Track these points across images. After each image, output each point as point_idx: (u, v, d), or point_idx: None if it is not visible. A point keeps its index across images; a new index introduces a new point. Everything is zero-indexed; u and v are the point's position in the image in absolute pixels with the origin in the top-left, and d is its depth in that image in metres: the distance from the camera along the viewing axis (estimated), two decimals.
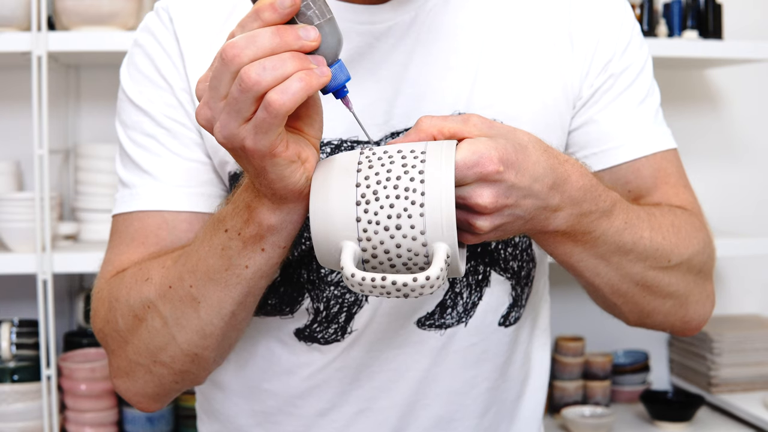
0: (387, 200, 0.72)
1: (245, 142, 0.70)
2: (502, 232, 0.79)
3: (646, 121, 1.00)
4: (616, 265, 0.88)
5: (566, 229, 0.83)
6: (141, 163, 0.95)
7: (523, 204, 0.77)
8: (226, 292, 0.84)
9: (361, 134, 0.92)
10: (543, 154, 0.78)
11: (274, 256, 0.82)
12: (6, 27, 1.88)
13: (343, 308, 0.95)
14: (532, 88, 0.95)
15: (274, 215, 0.78)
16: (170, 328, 0.87)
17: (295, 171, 0.73)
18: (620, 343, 2.40)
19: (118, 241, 0.96)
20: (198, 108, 0.72)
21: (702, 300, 0.98)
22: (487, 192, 0.74)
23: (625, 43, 0.99)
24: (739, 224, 2.40)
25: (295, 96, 0.67)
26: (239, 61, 0.67)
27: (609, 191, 0.86)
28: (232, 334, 0.89)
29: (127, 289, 0.90)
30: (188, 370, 0.90)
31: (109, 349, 0.94)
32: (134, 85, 0.97)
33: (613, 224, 0.86)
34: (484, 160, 0.73)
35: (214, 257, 0.83)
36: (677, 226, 0.94)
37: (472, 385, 0.99)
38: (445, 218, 0.71)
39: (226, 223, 0.82)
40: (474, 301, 0.97)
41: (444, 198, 0.71)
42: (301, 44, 0.69)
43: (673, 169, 1.01)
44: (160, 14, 0.97)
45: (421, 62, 0.94)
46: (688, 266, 0.94)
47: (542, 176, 0.77)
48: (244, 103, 0.68)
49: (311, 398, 0.98)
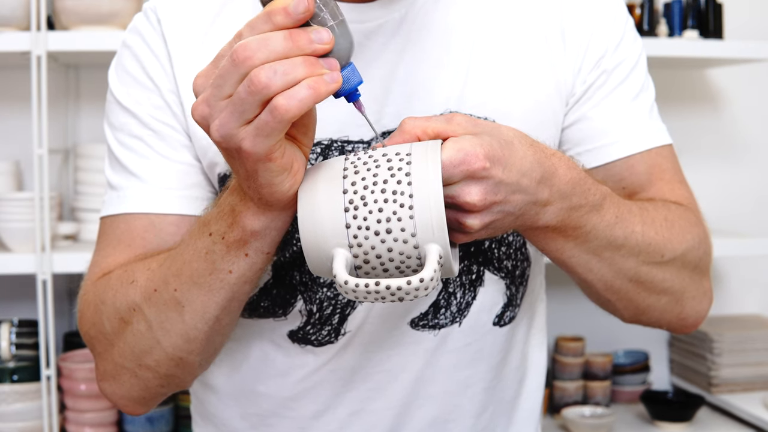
0: (375, 204, 0.71)
1: (243, 144, 0.69)
2: (493, 229, 0.78)
3: (640, 116, 0.99)
4: (608, 261, 0.88)
5: (556, 224, 0.82)
6: (128, 165, 0.95)
7: (512, 200, 0.76)
8: (210, 297, 0.84)
9: (352, 134, 0.92)
10: (529, 148, 0.78)
11: (258, 262, 0.82)
12: (5, 27, 1.88)
13: (336, 310, 0.95)
14: (525, 86, 0.95)
15: (259, 220, 0.78)
16: (155, 332, 0.87)
17: (284, 180, 0.73)
18: (620, 343, 2.40)
19: (104, 244, 0.96)
20: (195, 104, 0.71)
21: (698, 297, 0.97)
22: (475, 189, 0.74)
23: (617, 39, 0.98)
24: (739, 224, 2.39)
25: (302, 103, 0.67)
26: (251, 63, 0.67)
27: (598, 185, 0.85)
28: (216, 338, 0.89)
29: (113, 292, 0.90)
30: (173, 374, 0.90)
31: (95, 352, 0.94)
32: (122, 86, 0.97)
33: (604, 218, 0.85)
34: (469, 157, 0.73)
35: (198, 261, 0.83)
36: (671, 220, 0.93)
37: (467, 385, 0.99)
38: (435, 219, 0.71)
39: (210, 226, 0.82)
40: (468, 301, 0.96)
41: (432, 198, 0.71)
42: (314, 48, 0.68)
43: (669, 164, 1.00)
44: (148, 15, 0.97)
45: (411, 60, 0.93)
46: (683, 262, 0.93)
47: (530, 170, 0.77)
48: (250, 104, 0.67)
49: (305, 400, 0.98)
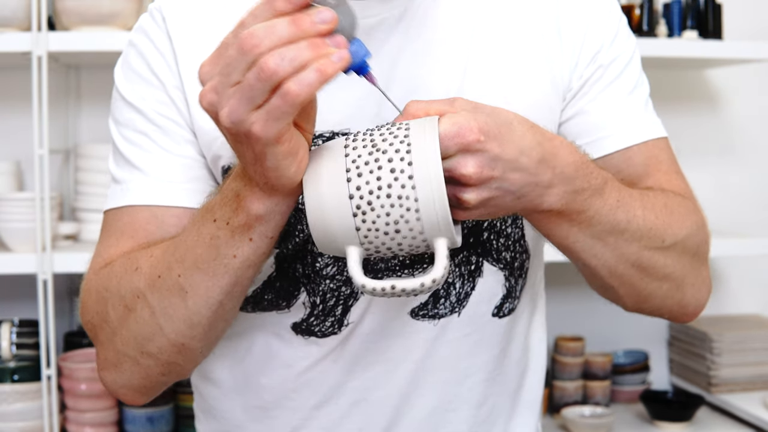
0: (383, 209, 0.74)
1: (253, 127, 0.71)
2: (493, 208, 0.80)
3: (636, 110, 1.01)
4: (612, 245, 0.89)
5: (560, 207, 0.83)
6: (132, 159, 0.96)
7: (510, 177, 0.78)
8: (213, 282, 0.85)
9: (353, 126, 0.92)
10: (529, 129, 0.80)
11: (262, 246, 0.83)
12: (6, 27, 1.89)
13: (339, 301, 0.95)
14: (523, 82, 0.96)
15: (263, 204, 0.79)
16: (158, 318, 0.88)
17: (290, 165, 0.75)
18: (620, 343, 2.40)
19: (107, 235, 0.98)
20: (203, 91, 0.73)
21: (698, 284, 0.98)
22: (471, 162, 0.76)
23: (612, 34, 1.00)
24: (739, 224, 2.39)
25: (311, 86, 0.69)
26: (258, 51, 0.68)
27: (600, 169, 0.87)
28: (219, 324, 0.90)
29: (117, 279, 0.91)
30: (175, 361, 0.91)
31: (97, 341, 0.94)
32: (127, 83, 0.98)
33: (607, 202, 0.86)
34: (463, 130, 0.75)
35: (202, 246, 0.84)
36: (670, 207, 0.94)
37: (466, 375, 1.00)
38: (441, 215, 0.74)
39: (214, 212, 0.83)
40: (467, 291, 0.97)
41: (437, 198, 0.73)
42: (318, 29, 0.69)
43: (665, 156, 1.02)
44: (154, 14, 0.99)
45: (410, 57, 0.95)
46: (683, 247, 0.94)
47: (528, 149, 0.78)
48: (260, 90, 0.69)
49: (307, 391, 0.98)
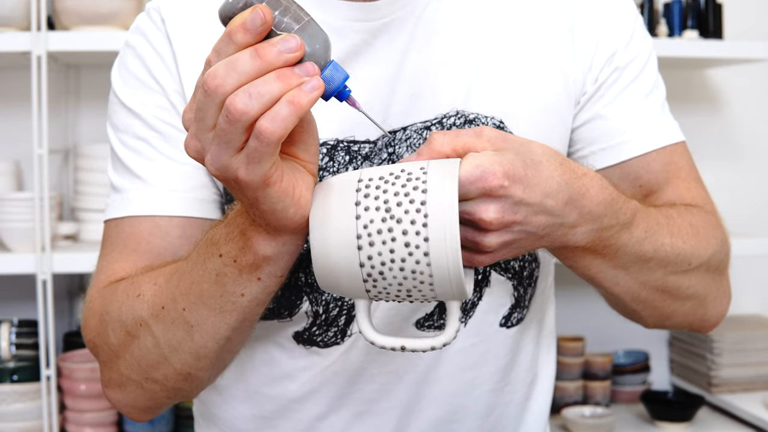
0: (395, 280, 0.70)
1: (238, 173, 0.67)
2: (515, 249, 0.76)
3: (654, 113, 0.98)
4: (635, 274, 0.86)
5: (586, 244, 0.80)
6: (132, 167, 0.93)
7: (534, 221, 0.74)
8: (220, 318, 0.81)
9: (358, 134, 0.91)
10: (558, 168, 0.75)
11: (270, 285, 0.79)
12: (6, 27, 1.88)
13: (343, 311, 0.94)
14: (532, 86, 0.93)
15: (270, 246, 0.76)
16: (162, 348, 0.84)
17: (287, 206, 0.70)
18: (620, 343, 2.40)
19: (110, 248, 0.94)
20: (186, 139, 0.69)
21: (719, 297, 0.97)
22: (492, 207, 0.71)
23: (628, 35, 0.97)
24: (739, 224, 2.39)
25: (285, 121, 0.64)
26: (223, 91, 0.64)
27: (629, 202, 0.83)
28: (227, 356, 0.87)
29: (118, 304, 0.88)
30: (181, 387, 0.88)
31: (100, 360, 0.92)
32: (125, 87, 0.95)
33: (634, 235, 0.83)
34: (487, 174, 0.70)
35: (207, 282, 0.80)
36: (695, 226, 0.91)
37: (472, 386, 0.98)
38: (455, 281, 0.69)
39: (220, 247, 0.79)
40: (473, 301, 0.95)
41: (452, 265, 0.68)
42: (284, 58, 0.65)
43: (684, 162, 0.99)
44: (152, 15, 0.95)
45: (417, 59, 0.92)
46: (707, 266, 0.92)
47: (555, 192, 0.74)
48: (234, 134, 0.65)
49: (310, 402, 0.97)
